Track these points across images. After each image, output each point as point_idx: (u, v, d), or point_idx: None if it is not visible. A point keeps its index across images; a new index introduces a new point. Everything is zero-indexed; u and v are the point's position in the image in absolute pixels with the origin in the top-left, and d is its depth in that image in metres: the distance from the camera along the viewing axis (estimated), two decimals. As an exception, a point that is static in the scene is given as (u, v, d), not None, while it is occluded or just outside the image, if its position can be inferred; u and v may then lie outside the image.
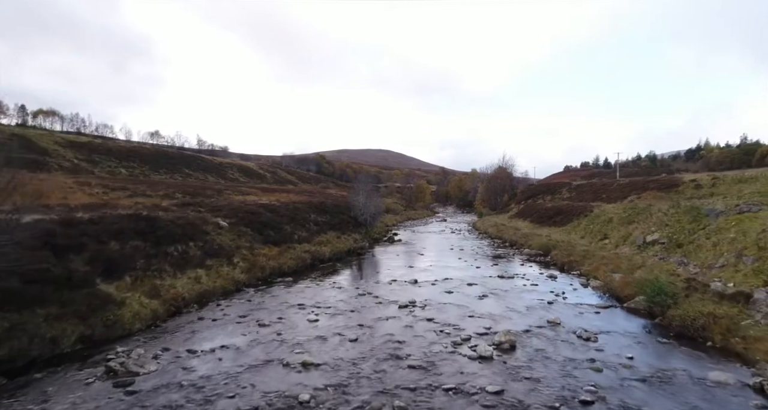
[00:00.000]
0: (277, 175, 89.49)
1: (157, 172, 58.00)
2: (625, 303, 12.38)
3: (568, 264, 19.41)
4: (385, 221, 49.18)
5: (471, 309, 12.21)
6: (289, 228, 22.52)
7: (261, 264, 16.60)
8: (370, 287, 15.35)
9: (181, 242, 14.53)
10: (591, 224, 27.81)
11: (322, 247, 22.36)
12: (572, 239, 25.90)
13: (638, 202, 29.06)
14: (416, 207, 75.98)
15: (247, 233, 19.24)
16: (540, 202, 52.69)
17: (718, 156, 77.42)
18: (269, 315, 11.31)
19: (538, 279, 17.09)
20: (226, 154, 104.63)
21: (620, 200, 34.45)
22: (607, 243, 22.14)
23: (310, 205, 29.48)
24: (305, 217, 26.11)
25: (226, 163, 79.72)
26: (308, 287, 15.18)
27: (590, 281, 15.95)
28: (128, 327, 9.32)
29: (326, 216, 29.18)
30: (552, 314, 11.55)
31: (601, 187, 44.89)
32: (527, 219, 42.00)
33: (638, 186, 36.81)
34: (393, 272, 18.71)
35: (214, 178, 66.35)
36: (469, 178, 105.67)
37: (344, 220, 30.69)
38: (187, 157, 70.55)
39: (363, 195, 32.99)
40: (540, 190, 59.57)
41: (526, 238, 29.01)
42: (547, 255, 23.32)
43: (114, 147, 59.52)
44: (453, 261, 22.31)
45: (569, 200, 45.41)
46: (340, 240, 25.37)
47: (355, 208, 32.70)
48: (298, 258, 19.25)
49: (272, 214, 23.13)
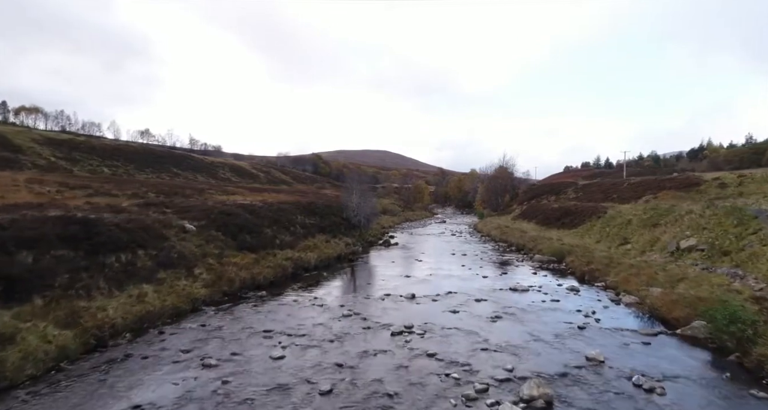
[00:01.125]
0: (271, 175, 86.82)
1: (143, 171, 55.30)
2: (678, 329, 9.79)
3: (589, 273, 16.82)
4: (382, 222, 46.58)
5: (483, 336, 9.62)
6: (270, 232, 19.87)
7: (229, 275, 13.96)
8: (358, 304, 12.74)
9: (126, 250, 11.89)
10: (606, 226, 25.26)
11: (308, 253, 19.73)
12: (587, 243, 23.33)
13: (656, 203, 26.54)
14: (414, 208, 73.38)
15: (217, 238, 16.60)
16: (544, 202, 50.18)
17: (726, 155, 75.06)
18: (221, 348, 8.68)
19: (557, 292, 14.50)
20: (219, 153, 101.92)
21: (634, 200, 31.98)
22: (630, 248, 19.58)
23: (298, 205, 26.86)
24: (291, 219, 23.47)
25: (218, 163, 76.96)
26: (283, 304, 12.55)
27: (621, 296, 13.36)
28: (11, 376, 6.67)
29: (315, 217, 26.55)
30: (589, 345, 8.95)
31: (610, 187, 42.41)
32: (532, 221, 39.46)
33: (652, 185, 34.33)
34: (387, 283, 16.10)
35: (204, 177, 63.70)
36: (468, 178, 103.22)
37: (336, 222, 28.07)
38: (177, 156, 67.80)
39: (357, 194, 30.38)
40: (543, 190, 57.09)
41: (534, 242, 26.44)
42: (561, 261, 20.75)
43: (97, 145, 56.76)
44: (456, 268, 19.72)
45: (576, 200, 42.90)
46: (329, 245, 22.74)
47: (347, 209, 30.08)
48: (278, 267, 16.62)
49: (252, 216, 20.49)
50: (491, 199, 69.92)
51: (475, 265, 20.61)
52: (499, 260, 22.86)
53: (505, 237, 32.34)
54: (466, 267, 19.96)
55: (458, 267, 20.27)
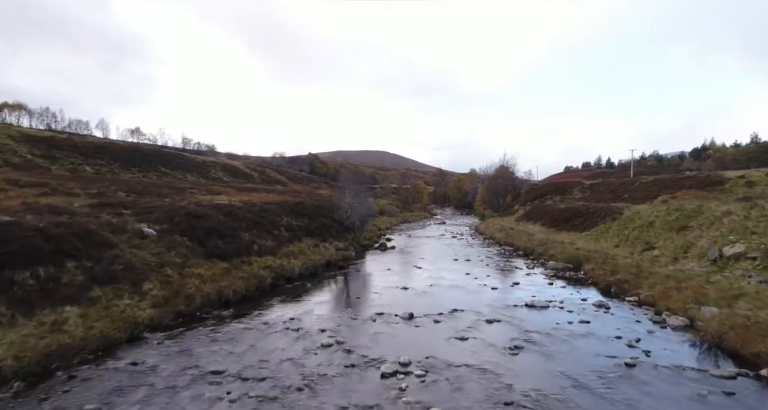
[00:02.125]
0: (266, 175, 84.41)
1: (129, 170, 52.71)
2: (763, 370, 7.41)
3: (616, 285, 14.42)
4: (378, 224, 44.19)
5: (503, 380, 7.22)
6: (247, 236, 17.44)
7: (189, 290, 11.53)
8: (343, 328, 10.33)
9: (49, 262, 9.45)
10: (624, 229, 22.90)
11: (291, 260, 17.31)
12: (605, 248, 20.96)
13: (679, 203, 24.20)
14: (413, 208, 70.99)
15: (182, 244, 14.16)
16: (549, 202, 47.87)
17: (734, 154, 73.08)
18: (143, 405, 6.26)
19: (583, 310, 12.12)
20: (213, 153, 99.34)
21: (649, 200, 29.68)
22: (658, 255, 17.20)
23: (284, 206, 24.43)
24: (274, 221, 21.04)
25: (210, 162, 74.40)
26: (249, 329, 10.12)
27: (665, 317, 10.96)
28: None
29: (303, 219, 24.12)
30: (650, 395, 6.56)
31: (619, 186, 40.12)
32: (538, 223, 37.13)
33: (668, 184, 32.04)
34: (381, 297, 13.70)
35: (194, 177, 61.20)
36: (468, 178, 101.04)
37: (326, 225, 25.66)
38: (165, 155, 65.24)
39: (350, 194, 27.99)
40: (547, 190, 54.79)
41: (544, 246, 24.07)
42: (578, 269, 18.37)
43: (80, 142, 54.15)
44: (460, 277, 17.34)
45: (584, 201, 40.59)
46: (317, 250, 20.32)
47: (340, 210, 27.68)
48: (253, 278, 14.18)
49: (227, 218, 18.05)
50: (492, 200, 67.69)
51: (481, 273, 18.22)
52: (507, 267, 20.48)
53: (511, 240, 29.96)
54: (472, 276, 17.57)
55: (462, 275, 17.88)
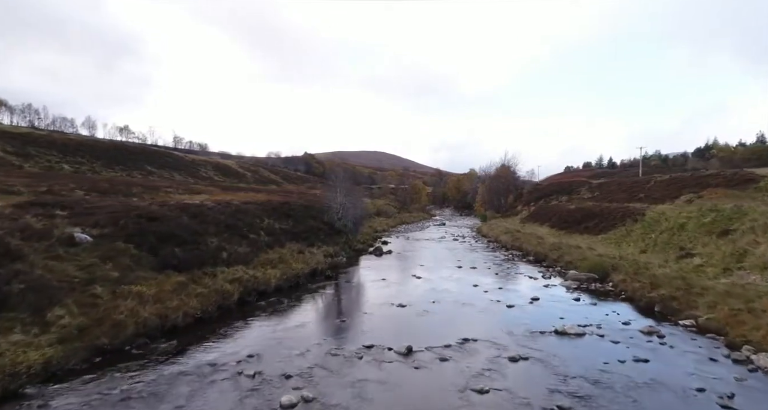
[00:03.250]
0: (259, 175, 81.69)
1: (112, 168, 49.92)
2: None
3: (661, 303, 11.76)
4: (375, 225, 41.52)
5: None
6: (215, 242, 14.71)
7: (117, 316, 8.80)
8: (317, 371, 7.64)
9: None
10: (650, 232, 20.29)
11: (268, 271, 14.59)
12: (631, 254, 18.31)
13: (712, 203, 21.61)
14: (411, 209, 68.28)
15: (125, 252, 11.44)
16: (554, 203, 45.27)
17: (742, 153, 70.66)
18: None
19: (630, 338, 9.45)
20: (205, 152, 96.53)
21: (670, 200, 27.10)
22: (701, 264, 14.56)
23: (267, 206, 21.72)
24: (252, 224, 18.32)
25: (200, 161, 71.60)
26: (187, 373, 7.42)
27: (750, 354, 8.29)
28: None
29: (288, 221, 21.39)
30: None
31: (632, 185, 37.53)
32: (546, 224, 34.51)
33: (689, 183, 29.46)
34: (372, 319, 11.03)
35: (182, 176, 58.44)
36: (467, 178, 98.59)
37: (315, 227, 22.95)
38: (153, 154, 62.44)
39: (342, 193, 25.28)
40: (552, 190, 52.18)
41: (558, 251, 21.43)
42: (604, 280, 15.73)
43: (59, 139, 51.31)
44: (467, 290, 14.68)
45: (593, 201, 38.00)
46: (302, 257, 17.61)
47: (330, 211, 24.97)
48: (214, 295, 11.47)
49: (194, 220, 15.33)
50: (493, 200, 65.17)
51: (491, 285, 15.55)
52: (519, 276, 17.81)
53: (519, 243, 27.31)
54: (480, 288, 14.91)
55: (469, 287, 15.22)
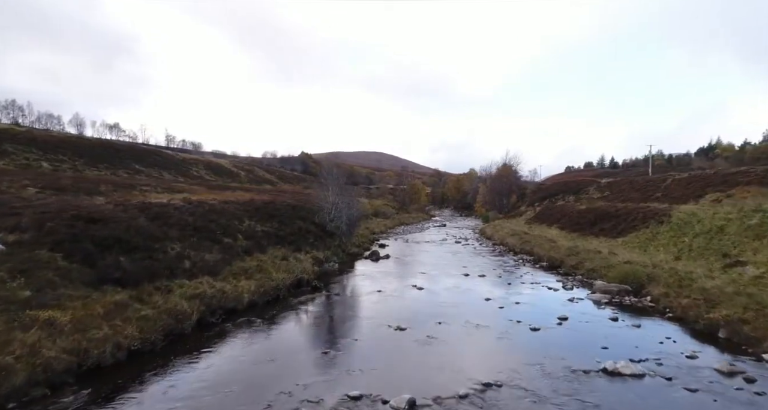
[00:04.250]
0: (254, 174, 79.15)
1: (95, 167, 47.31)
2: None
3: (728, 327, 9.34)
4: (372, 227, 39.17)
5: None
6: (177, 248, 12.27)
7: (3, 360, 6.37)
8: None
9: None
10: (681, 235, 17.94)
11: (241, 282, 12.18)
12: (664, 261, 15.92)
13: (736, 202, 19.31)
14: (410, 210, 65.86)
15: (50, 263, 9.00)
16: (561, 203, 42.93)
17: (752, 152, 68.58)
18: None
19: (709, 383, 7.06)
20: (198, 151, 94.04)
21: (693, 200, 24.81)
22: (758, 274, 12.19)
23: (248, 206, 19.30)
24: (229, 226, 15.89)
25: (191, 160, 69.02)
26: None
27: None
28: None
29: (272, 223, 18.97)
30: None
31: (646, 184, 35.19)
32: (554, 226, 32.16)
33: (713, 181, 27.08)
34: (362, 350, 8.62)
35: (172, 175, 55.86)
36: (467, 178, 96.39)
37: (303, 229, 20.55)
38: (140, 152, 59.88)
39: (334, 192, 22.88)
40: (558, 190, 49.80)
41: (576, 257, 19.06)
42: (639, 292, 13.36)
43: (40, 136, 48.71)
44: (479, 306, 12.30)
45: (605, 201, 35.69)
46: (285, 265, 15.19)
47: (322, 211, 22.58)
48: (164, 316, 9.04)
49: (154, 223, 12.91)
50: (494, 200, 62.96)
51: (506, 299, 13.17)
52: (536, 287, 15.42)
53: (529, 247, 24.93)
54: (495, 304, 12.52)
55: (480, 301, 12.86)
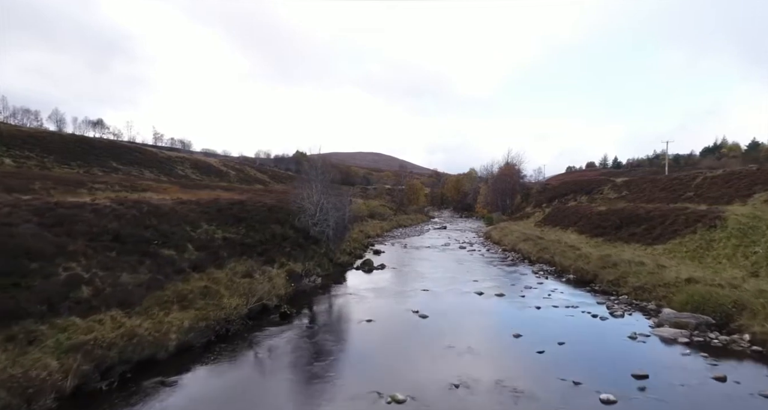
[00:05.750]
0: (245, 173, 75.35)
1: (67, 164, 43.59)
2: None
3: None
4: (367, 230, 35.49)
5: None
6: (72, 270, 8.52)
7: None
8: None
9: None
10: (749, 244, 14.35)
11: (168, 316, 8.46)
12: (739, 279, 12.30)
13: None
14: (408, 211, 62.13)
15: None
16: (572, 204, 39.32)
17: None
18: None
19: None
20: (187, 150, 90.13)
21: (739, 199, 21.47)
22: None
23: (208, 207, 15.56)
24: (173, 234, 12.15)
25: (178, 158, 65.16)
26: None
27: None
28: None
29: (239, 228, 15.23)
30: None
31: (671, 183, 31.59)
32: (571, 229, 28.53)
33: (758, 179, 23.47)
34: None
35: (154, 173, 52.01)
36: (467, 178, 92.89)
37: (279, 235, 16.82)
38: (120, 149, 56.02)
39: (318, 191, 19.14)
40: (567, 190, 46.21)
41: (614, 270, 15.40)
42: (726, 326, 9.72)
43: (6, 131, 44.77)
44: (508, 348, 8.65)
45: (625, 201, 32.12)
46: (246, 285, 11.47)
47: (304, 214, 18.84)
48: (3, 392, 5.39)
49: (50, 231, 9.18)
50: (497, 201, 59.37)
51: (544, 337, 9.47)
52: (575, 312, 11.75)
53: (548, 255, 21.25)
54: (531, 345, 8.82)
55: (510, 341, 9.18)
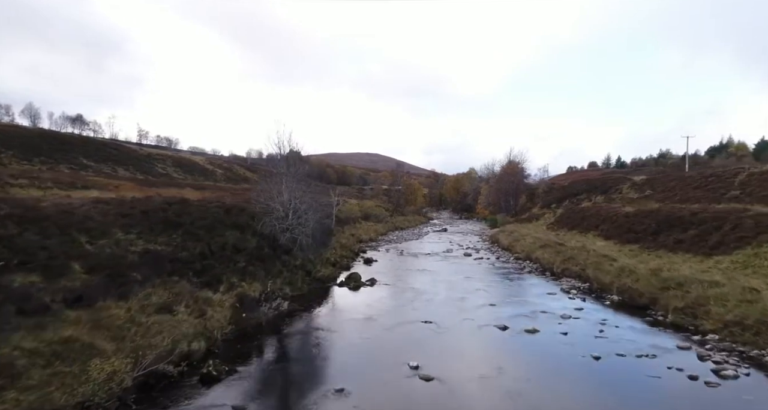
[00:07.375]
0: (232, 172, 71.18)
1: (28, 160, 39.33)
2: None
3: None
4: (359, 234, 31.45)
5: None
6: None
7: None
8: None
9: None
10: None
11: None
12: None
13: None
14: (406, 212, 58.02)
15: None
16: (587, 204, 35.28)
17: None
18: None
19: None
20: (174, 148, 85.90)
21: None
22: None
23: (131, 208, 11.47)
24: (44, 249, 8.12)
25: (158, 156, 60.93)
26: None
27: None
28: None
29: (174, 235, 11.12)
30: None
31: (707, 181, 27.61)
32: (593, 233, 24.58)
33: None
34: None
35: (130, 171, 47.72)
36: (467, 178, 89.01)
37: (232, 246, 12.72)
38: (92, 144, 51.78)
39: (288, 189, 15.04)
40: (579, 189, 42.16)
41: (683, 294, 11.45)
42: None
43: (-41, 124, 40.75)
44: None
45: (654, 200, 28.16)
46: (153, 326, 7.44)
47: (270, 216, 14.71)
48: None
49: None
50: (500, 201, 55.41)
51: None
52: (652, 366, 7.76)
53: (577, 267, 17.21)
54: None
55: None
